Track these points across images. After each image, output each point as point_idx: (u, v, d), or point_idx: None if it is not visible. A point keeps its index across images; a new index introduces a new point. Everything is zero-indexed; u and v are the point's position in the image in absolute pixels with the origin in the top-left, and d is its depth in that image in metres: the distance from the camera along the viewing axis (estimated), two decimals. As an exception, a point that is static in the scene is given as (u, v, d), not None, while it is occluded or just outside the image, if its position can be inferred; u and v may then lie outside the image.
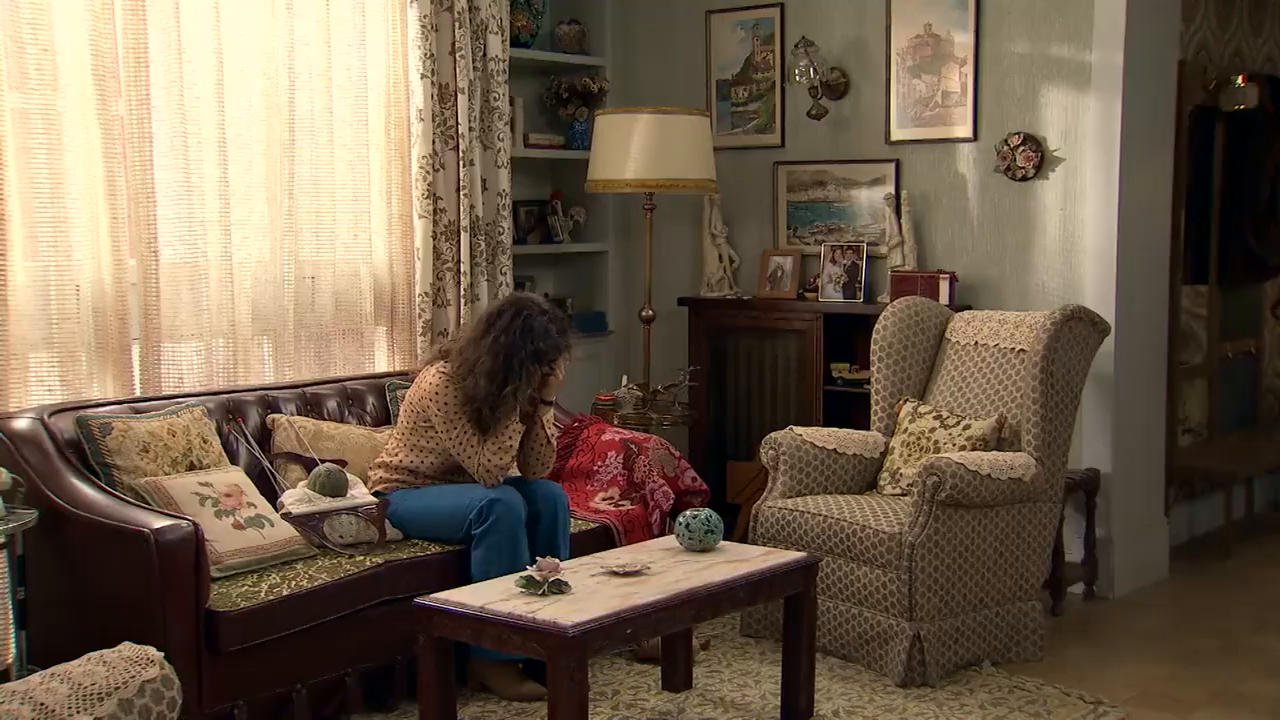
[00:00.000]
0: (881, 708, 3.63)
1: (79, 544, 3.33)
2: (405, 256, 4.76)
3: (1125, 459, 4.76)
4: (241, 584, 3.35)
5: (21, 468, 3.40)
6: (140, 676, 1.86)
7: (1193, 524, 5.61)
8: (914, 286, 4.83)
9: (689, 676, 3.77)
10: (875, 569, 3.88)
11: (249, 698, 3.28)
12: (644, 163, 4.99)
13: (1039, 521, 4.07)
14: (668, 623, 3.25)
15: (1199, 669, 4.01)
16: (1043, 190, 4.80)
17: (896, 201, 5.05)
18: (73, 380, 3.86)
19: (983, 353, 4.43)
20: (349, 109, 4.57)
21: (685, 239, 5.68)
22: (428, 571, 3.63)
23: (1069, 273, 4.76)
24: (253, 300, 4.31)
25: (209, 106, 4.14)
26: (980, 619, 3.96)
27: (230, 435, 3.89)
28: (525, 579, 3.16)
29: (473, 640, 3.17)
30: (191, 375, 4.16)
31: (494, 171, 4.96)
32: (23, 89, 3.74)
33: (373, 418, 4.30)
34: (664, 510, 4.25)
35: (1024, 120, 4.81)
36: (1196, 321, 5.69)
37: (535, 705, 3.54)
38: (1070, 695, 3.72)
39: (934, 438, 4.23)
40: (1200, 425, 5.78)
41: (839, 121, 5.25)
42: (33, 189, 3.77)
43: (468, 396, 3.76)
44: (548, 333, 3.76)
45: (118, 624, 3.08)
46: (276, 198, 4.34)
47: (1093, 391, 4.58)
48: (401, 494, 3.85)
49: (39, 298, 3.80)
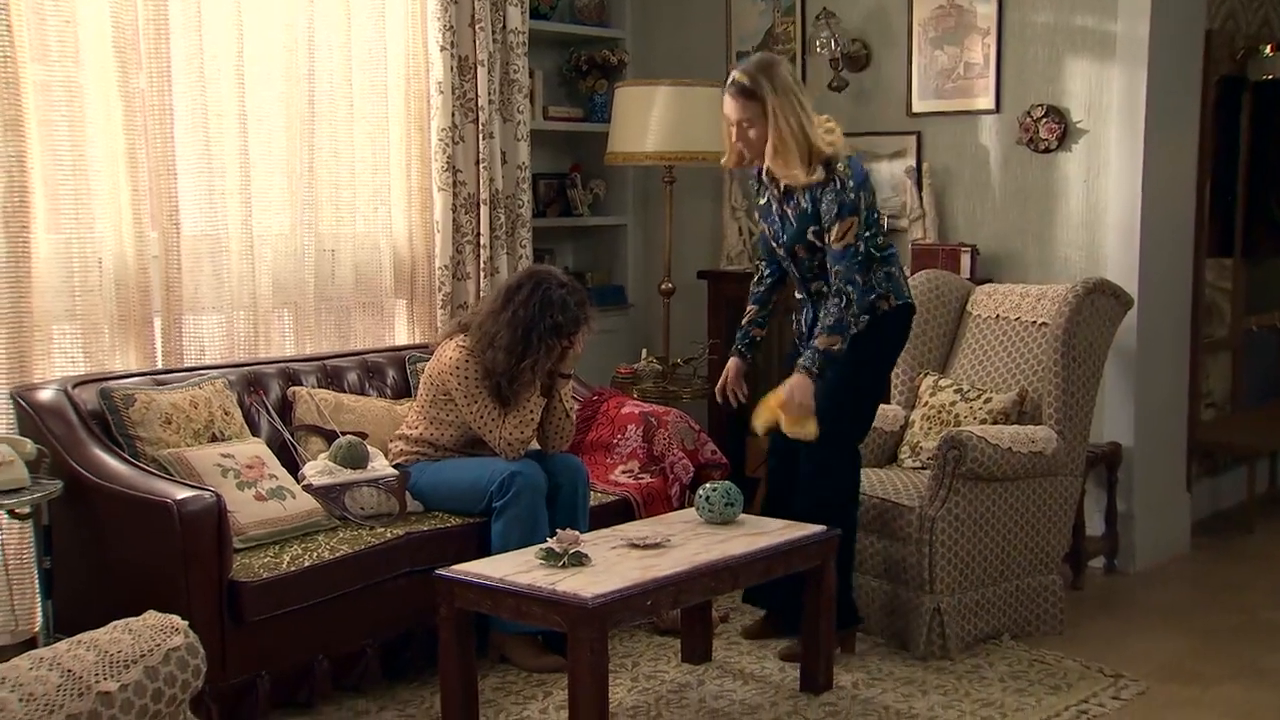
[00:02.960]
0: (901, 680, 3.63)
1: (103, 514, 3.36)
2: (425, 229, 4.76)
3: (1147, 433, 4.74)
4: (263, 555, 3.38)
5: (46, 438, 3.43)
6: (165, 645, 1.87)
7: (1215, 498, 5.59)
8: (935, 259, 4.81)
9: (708, 649, 3.78)
10: (895, 542, 3.88)
11: (271, 667, 3.31)
12: (663, 135, 4.97)
13: (1060, 495, 4.06)
14: (687, 595, 3.26)
15: (1220, 644, 4.00)
16: (1065, 162, 4.76)
17: (918, 174, 5.02)
18: (95, 352, 3.89)
19: (1004, 326, 4.41)
20: (368, 81, 4.57)
21: (705, 212, 5.66)
22: (448, 543, 3.65)
23: (1091, 245, 4.72)
24: (273, 273, 4.32)
25: (229, 79, 4.14)
26: (1000, 592, 3.96)
27: (251, 407, 3.91)
28: (545, 551, 3.17)
29: (492, 611, 3.19)
30: (213, 347, 4.18)
31: (513, 144, 4.95)
32: (44, 61, 3.75)
33: (393, 390, 4.32)
34: (684, 483, 4.26)
35: (1047, 92, 4.77)
36: (1220, 294, 5.64)
37: (555, 676, 3.56)
38: (1090, 669, 3.72)
39: (954, 411, 4.21)
40: (1223, 399, 5.74)
41: (860, 93, 5.22)
42: (55, 162, 3.79)
43: (487, 370, 3.76)
44: (566, 306, 3.76)
45: (142, 594, 3.10)
46: (296, 170, 4.35)
47: (1115, 365, 4.55)
48: (421, 466, 3.86)
49: (62, 270, 3.82)
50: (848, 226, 3.48)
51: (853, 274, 3.49)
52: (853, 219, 3.48)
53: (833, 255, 3.52)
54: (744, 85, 3.52)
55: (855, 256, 3.50)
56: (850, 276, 3.49)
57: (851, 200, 3.48)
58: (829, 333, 3.51)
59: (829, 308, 3.52)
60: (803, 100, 3.53)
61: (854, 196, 3.49)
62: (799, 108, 3.51)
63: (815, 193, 3.53)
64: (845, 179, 3.49)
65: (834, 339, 3.51)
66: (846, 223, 3.48)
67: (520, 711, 3.41)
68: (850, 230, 3.49)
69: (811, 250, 3.64)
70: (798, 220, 3.62)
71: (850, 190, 3.48)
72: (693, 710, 3.43)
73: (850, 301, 3.50)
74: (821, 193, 3.51)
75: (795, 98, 3.51)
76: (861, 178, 3.56)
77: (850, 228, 3.48)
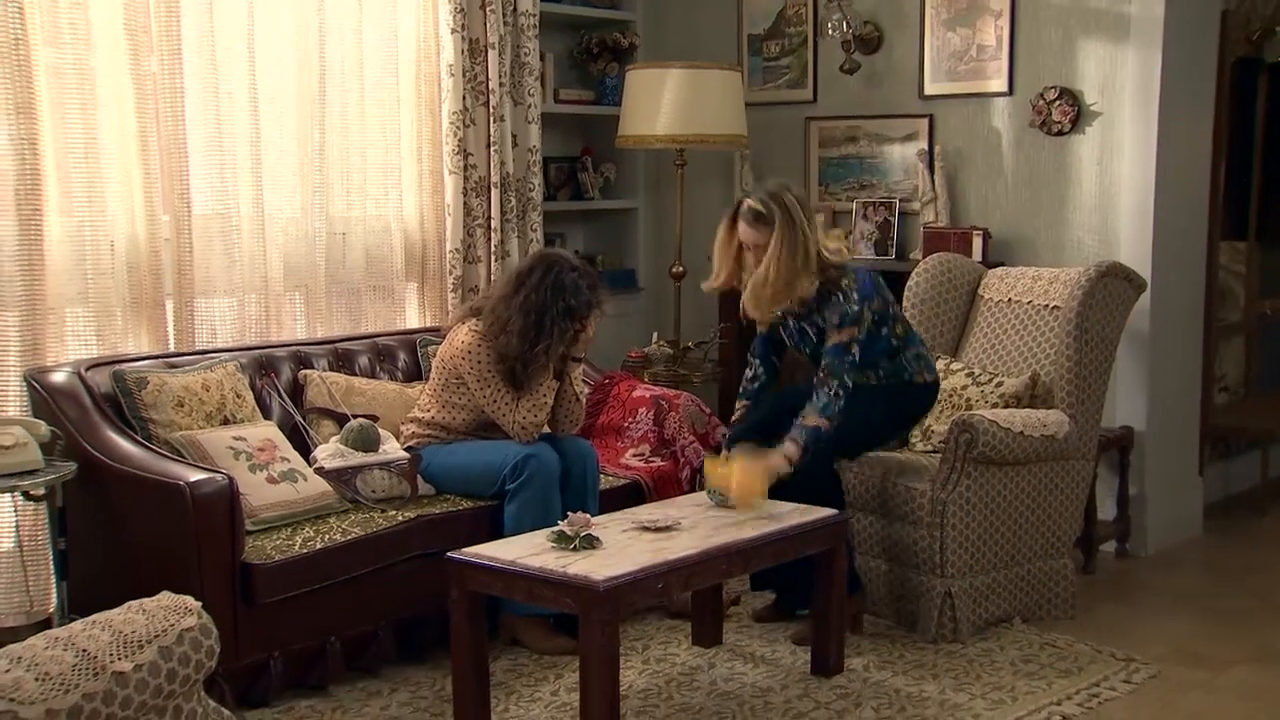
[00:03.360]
0: (911, 664, 3.63)
1: (116, 496, 3.37)
2: (436, 213, 4.76)
3: (1160, 417, 4.72)
4: (276, 537, 3.39)
5: (60, 421, 3.44)
6: (179, 625, 1.88)
7: (1228, 483, 5.57)
8: (947, 243, 4.79)
9: (719, 632, 3.79)
10: (906, 525, 3.87)
11: (284, 649, 3.33)
12: (675, 118, 4.95)
13: (1072, 479, 4.05)
14: (698, 578, 3.26)
15: (1232, 627, 4.00)
16: (1079, 145, 4.73)
17: (930, 157, 5.00)
18: (108, 335, 3.90)
19: (1016, 309, 4.39)
20: (379, 64, 4.56)
21: (716, 195, 5.65)
22: (459, 526, 3.66)
23: (1104, 229, 4.70)
24: (284, 256, 4.33)
25: (240, 62, 4.14)
26: (1011, 576, 3.95)
27: (263, 390, 3.92)
28: (557, 534, 3.17)
29: (504, 594, 3.19)
30: (224, 330, 4.19)
31: (524, 127, 4.94)
32: (56, 45, 3.75)
33: (404, 374, 4.32)
34: (694, 466, 4.26)
35: (1061, 74, 4.74)
36: (1234, 278, 5.61)
37: (566, 659, 3.57)
38: (1101, 652, 3.71)
39: (966, 395, 4.21)
40: (1237, 383, 5.72)
41: (872, 76, 5.19)
42: (67, 145, 3.79)
43: (500, 355, 3.77)
44: (578, 289, 3.76)
45: (155, 575, 3.11)
46: (307, 154, 4.35)
47: (1127, 348, 4.54)
48: (433, 449, 3.87)
49: (74, 253, 3.83)
50: (847, 334, 3.68)
51: (841, 371, 3.67)
52: (853, 329, 3.68)
53: (827, 350, 3.70)
54: (757, 211, 3.67)
55: (846, 355, 3.67)
56: (839, 372, 3.66)
57: (854, 312, 3.67)
58: (820, 414, 3.64)
59: (820, 394, 3.66)
60: (810, 221, 3.69)
61: (857, 309, 3.67)
62: (804, 236, 3.65)
63: (824, 309, 3.71)
64: (850, 292, 3.68)
65: (824, 421, 3.63)
66: (847, 331, 3.68)
67: (531, 693, 3.42)
68: (849, 337, 3.68)
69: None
70: (816, 335, 3.80)
71: (854, 303, 3.67)
72: (703, 693, 3.44)
73: (841, 397, 3.65)
74: (828, 307, 3.69)
75: (802, 226, 3.65)
76: (869, 291, 3.72)
77: (850, 335, 3.68)
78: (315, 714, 3.30)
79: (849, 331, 3.66)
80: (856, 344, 3.68)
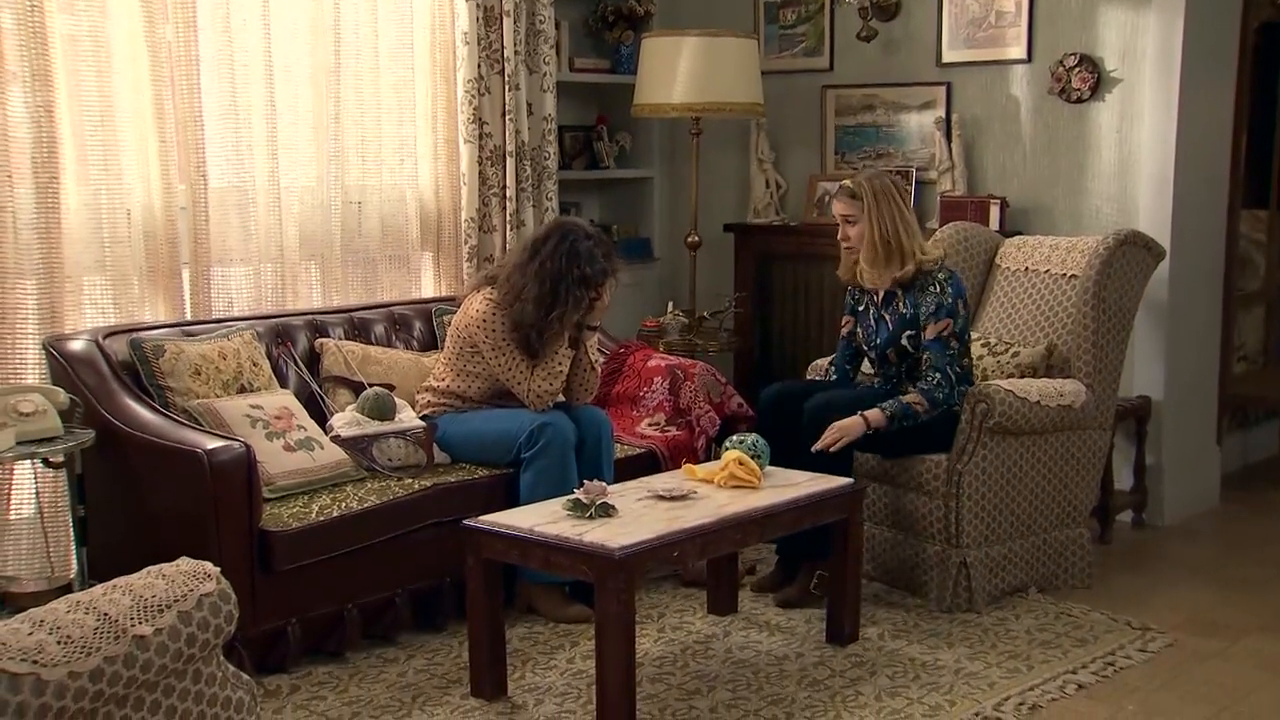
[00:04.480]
0: (926, 633, 3.64)
1: (135, 464, 3.39)
2: (451, 182, 4.75)
3: (1178, 386, 4.70)
4: (293, 505, 3.41)
5: (78, 388, 3.46)
6: (198, 590, 1.89)
7: (1246, 452, 5.55)
8: (964, 212, 4.76)
9: (734, 601, 3.80)
10: (922, 495, 3.87)
11: (301, 616, 3.35)
12: (690, 86, 4.93)
13: (1088, 448, 4.04)
14: (714, 546, 3.27)
15: (1248, 596, 3.99)
16: (1098, 112, 4.69)
17: (947, 125, 4.96)
18: (125, 303, 3.91)
19: (1033, 279, 4.37)
20: (394, 32, 4.54)
21: (732, 164, 5.62)
22: (475, 494, 3.67)
23: (1123, 197, 4.67)
24: (300, 225, 4.33)
25: (255, 30, 4.13)
26: (1027, 546, 3.95)
27: (279, 359, 3.93)
28: (572, 502, 3.18)
29: (520, 562, 3.20)
30: (240, 299, 4.20)
31: (539, 96, 4.92)
32: (71, 13, 3.75)
33: (420, 343, 4.33)
34: (709, 436, 4.26)
35: (1080, 40, 4.69)
36: (1255, 247, 5.57)
37: (582, 627, 3.59)
38: (1117, 621, 3.71)
39: (982, 365, 4.19)
40: (1255, 352, 5.68)
41: (889, 43, 5.15)
42: (83, 114, 3.79)
43: (515, 323, 3.76)
44: (593, 257, 3.75)
45: (173, 542, 3.12)
46: (322, 122, 4.34)
47: (1146, 318, 4.51)
48: (449, 418, 3.88)
49: (91, 222, 3.84)
50: (943, 326, 3.80)
51: (944, 363, 3.78)
52: (948, 320, 3.80)
53: (927, 343, 3.82)
54: (849, 188, 3.89)
55: (946, 348, 3.80)
56: (941, 364, 3.78)
57: (950, 304, 3.81)
58: (923, 395, 3.75)
59: (926, 380, 3.78)
60: (904, 211, 3.85)
61: (952, 303, 3.82)
62: (897, 215, 3.82)
63: (915, 296, 3.84)
64: (946, 286, 3.82)
65: (923, 403, 3.74)
66: (943, 322, 3.80)
67: (547, 661, 3.44)
68: (946, 329, 3.80)
69: (902, 355, 3.88)
70: (895, 324, 3.88)
71: (949, 297, 3.81)
72: (719, 661, 3.45)
73: (943, 386, 3.76)
74: (922, 295, 3.83)
75: (895, 205, 3.83)
76: (962, 291, 3.87)
77: (946, 327, 3.80)
78: (332, 680, 3.33)
79: (945, 323, 3.79)
80: (954, 336, 3.80)
